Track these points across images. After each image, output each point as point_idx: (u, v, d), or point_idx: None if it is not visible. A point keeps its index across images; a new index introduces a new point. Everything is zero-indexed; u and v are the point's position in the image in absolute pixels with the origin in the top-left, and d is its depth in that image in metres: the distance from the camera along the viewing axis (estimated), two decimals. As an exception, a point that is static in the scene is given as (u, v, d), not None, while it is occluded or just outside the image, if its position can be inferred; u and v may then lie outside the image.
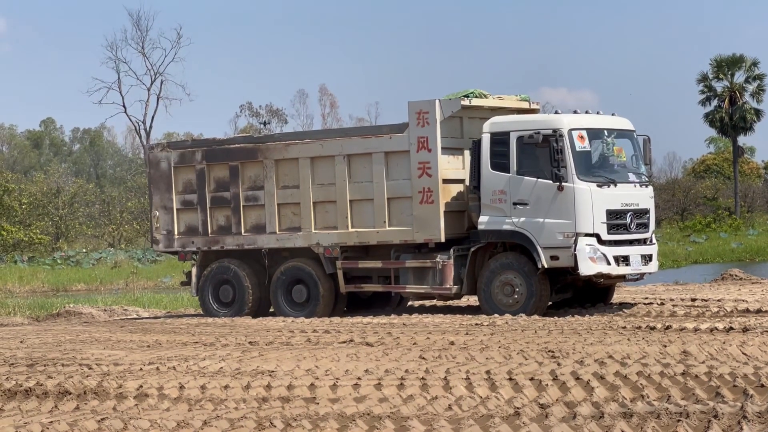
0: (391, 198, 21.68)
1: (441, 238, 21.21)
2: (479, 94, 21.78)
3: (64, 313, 26.54)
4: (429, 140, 21.22)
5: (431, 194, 21.23)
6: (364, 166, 21.92)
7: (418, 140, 21.33)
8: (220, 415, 11.24)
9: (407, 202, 21.50)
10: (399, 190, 21.59)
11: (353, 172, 22.05)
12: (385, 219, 21.70)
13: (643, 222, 20.96)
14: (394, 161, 21.65)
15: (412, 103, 21.46)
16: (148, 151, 24.77)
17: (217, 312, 23.30)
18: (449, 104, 21.35)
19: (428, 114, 21.22)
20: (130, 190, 72.64)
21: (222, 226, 23.41)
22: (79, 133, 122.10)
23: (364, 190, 21.92)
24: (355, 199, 22.02)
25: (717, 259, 51.19)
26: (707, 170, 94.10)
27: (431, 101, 21.30)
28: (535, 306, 20.45)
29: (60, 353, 16.85)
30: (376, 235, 21.85)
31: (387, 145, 21.70)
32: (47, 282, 45.32)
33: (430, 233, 21.30)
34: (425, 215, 21.28)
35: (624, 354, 13.72)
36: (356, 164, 22.02)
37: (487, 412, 10.88)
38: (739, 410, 10.21)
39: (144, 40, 78.98)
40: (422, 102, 21.38)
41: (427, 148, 21.24)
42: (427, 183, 21.26)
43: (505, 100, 22.35)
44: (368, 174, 21.87)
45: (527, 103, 22.57)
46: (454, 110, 21.33)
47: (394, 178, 21.64)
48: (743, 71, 76.58)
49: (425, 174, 21.27)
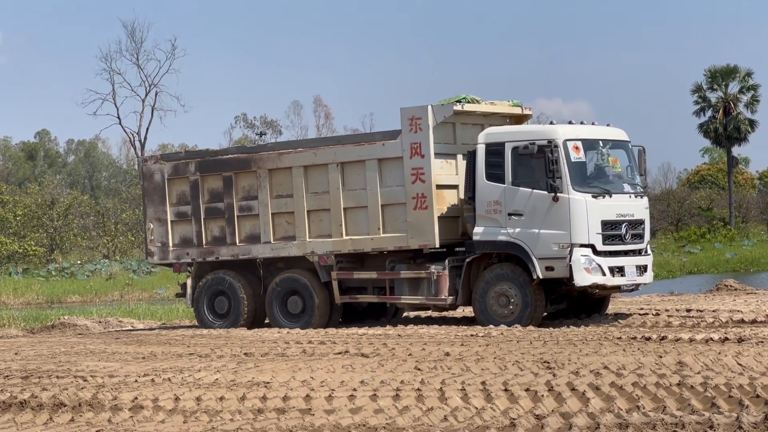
0: (385, 205, 21.66)
1: (435, 243, 21.20)
2: (471, 100, 21.79)
3: (59, 325, 26.50)
4: (422, 146, 21.21)
5: (425, 200, 21.21)
6: (358, 174, 21.90)
7: (411, 146, 21.31)
8: (216, 426, 11.23)
9: (401, 209, 21.48)
10: (393, 196, 21.56)
11: (347, 179, 22.03)
12: (380, 226, 21.68)
13: (638, 233, 20.97)
14: (387, 168, 21.63)
15: (405, 109, 21.44)
16: (141, 163, 24.78)
17: (212, 323, 23.28)
18: (442, 110, 21.34)
19: (421, 120, 21.22)
20: (124, 202, 72.60)
21: (216, 236, 23.40)
22: (73, 145, 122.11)
23: (358, 198, 21.90)
24: (349, 206, 22.00)
25: (712, 269, 51.24)
26: (702, 181, 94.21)
27: (424, 107, 21.28)
28: (530, 317, 20.44)
29: (55, 365, 16.83)
30: (370, 242, 21.84)
31: (380, 152, 21.68)
32: (42, 294, 45.29)
33: (424, 239, 21.28)
34: (419, 221, 21.26)
35: (619, 365, 13.71)
36: (350, 172, 22.00)
37: (483, 423, 10.88)
38: (734, 421, 10.21)
39: (138, 51, 79.15)
40: (415, 108, 21.37)
41: (420, 153, 21.22)
42: (421, 189, 21.23)
43: (498, 106, 22.36)
44: (362, 181, 21.85)
45: (519, 109, 22.59)
46: (446, 116, 21.32)
47: (388, 184, 21.63)
48: (737, 82, 76.72)
49: (419, 180, 21.26)
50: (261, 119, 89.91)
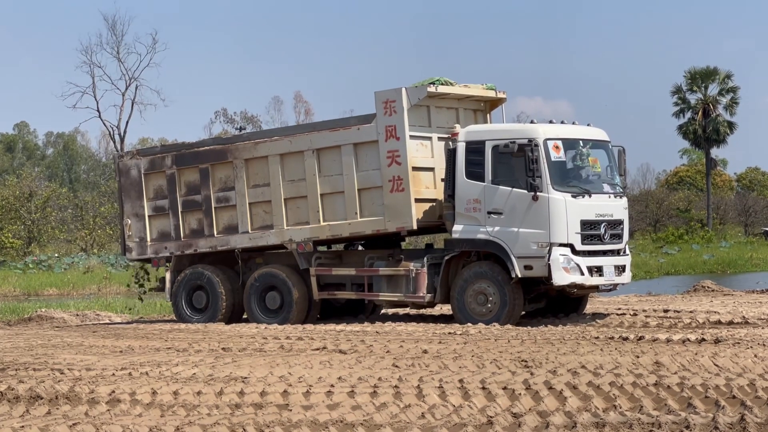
0: (361, 189, 21.58)
1: (413, 225, 21.14)
2: (445, 82, 21.74)
3: (36, 318, 26.42)
4: (397, 128, 21.12)
5: (401, 182, 21.15)
6: (334, 160, 21.82)
7: (386, 129, 21.22)
8: (193, 421, 11.21)
9: (378, 192, 21.41)
10: (369, 180, 21.49)
11: (323, 166, 21.94)
12: (357, 210, 21.61)
13: (617, 233, 21.01)
14: (363, 152, 21.54)
15: (379, 92, 21.34)
16: (117, 159, 24.58)
17: (190, 318, 23.26)
18: (415, 92, 21.28)
19: (395, 102, 21.13)
20: (103, 195, 72.31)
21: (194, 229, 23.36)
22: (52, 137, 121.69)
23: (335, 183, 21.82)
24: (325, 192, 21.93)
25: (689, 270, 51.42)
26: (680, 182, 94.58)
27: (398, 89, 21.19)
28: (508, 315, 20.47)
29: (32, 358, 16.77)
30: (348, 227, 21.77)
31: (355, 137, 21.60)
32: (18, 286, 45.10)
33: (402, 221, 21.23)
34: (396, 204, 21.21)
35: (597, 364, 13.74)
36: (326, 158, 21.92)
37: (460, 421, 10.89)
38: (710, 421, 10.25)
39: (119, 44, 78.97)
40: (389, 91, 21.27)
41: (395, 136, 21.14)
42: (397, 171, 21.16)
43: (471, 89, 22.29)
44: (338, 167, 21.77)
45: (494, 92, 22.54)
46: (420, 97, 21.23)
47: (364, 169, 21.54)
48: (717, 84, 77.01)
49: (394, 162, 21.20)
50: (241, 114, 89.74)
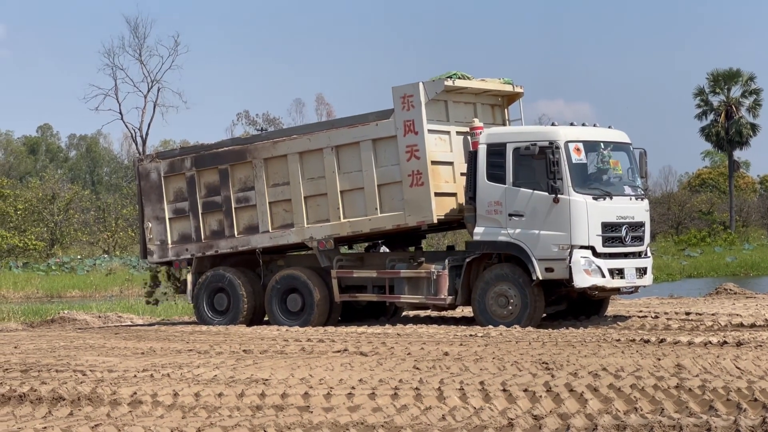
0: (381, 185, 21.56)
1: (433, 219, 21.13)
2: (462, 76, 21.75)
3: (59, 320, 26.53)
4: (415, 123, 21.12)
5: (420, 176, 21.14)
6: (353, 156, 21.81)
7: (404, 124, 21.21)
8: (214, 422, 11.24)
9: (398, 187, 21.39)
10: (389, 175, 21.47)
11: (342, 162, 21.94)
12: (377, 206, 21.60)
13: (638, 235, 20.97)
14: (382, 148, 21.53)
15: (396, 87, 21.32)
16: (137, 163, 24.61)
17: (211, 320, 23.29)
18: (433, 86, 21.28)
19: (413, 97, 21.13)
20: (125, 197, 72.58)
21: (215, 230, 23.38)
22: (75, 140, 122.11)
23: (354, 180, 21.82)
24: (345, 189, 21.92)
25: (711, 273, 51.25)
26: (703, 184, 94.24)
27: (415, 84, 21.19)
28: (529, 317, 20.45)
29: (54, 359, 16.84)
30: (368, 222, 21.77)
31: (374, 132, 21.59)
32: (41, 288, 45.28)
33: (422, 215, 21.22)
34: (416, 198, 21.20)
35: (618, 366, 13.72)
36: (345, 155, 21.91)
37: (481, 423, 10.89)
38: (732, 424, 10.22)
39: (141, 47, 79.25)
40: (406, 86, 21.26)
41: (414, 131, 21.13)
42: (416, 166, 21.15)
43: (489, 83, 22.28)
44: (357, 163, 21.76)
45: (510, 87, 22.53)
46: (437, 91, 21.23)
47: (383, 164, 21.53)
48: (740, 86, 76.81)
49: (413, 157, 21.19)
50: (263, 116, 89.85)
